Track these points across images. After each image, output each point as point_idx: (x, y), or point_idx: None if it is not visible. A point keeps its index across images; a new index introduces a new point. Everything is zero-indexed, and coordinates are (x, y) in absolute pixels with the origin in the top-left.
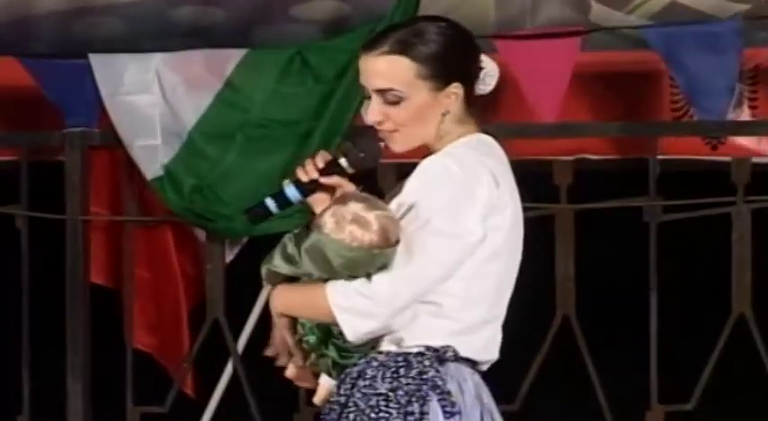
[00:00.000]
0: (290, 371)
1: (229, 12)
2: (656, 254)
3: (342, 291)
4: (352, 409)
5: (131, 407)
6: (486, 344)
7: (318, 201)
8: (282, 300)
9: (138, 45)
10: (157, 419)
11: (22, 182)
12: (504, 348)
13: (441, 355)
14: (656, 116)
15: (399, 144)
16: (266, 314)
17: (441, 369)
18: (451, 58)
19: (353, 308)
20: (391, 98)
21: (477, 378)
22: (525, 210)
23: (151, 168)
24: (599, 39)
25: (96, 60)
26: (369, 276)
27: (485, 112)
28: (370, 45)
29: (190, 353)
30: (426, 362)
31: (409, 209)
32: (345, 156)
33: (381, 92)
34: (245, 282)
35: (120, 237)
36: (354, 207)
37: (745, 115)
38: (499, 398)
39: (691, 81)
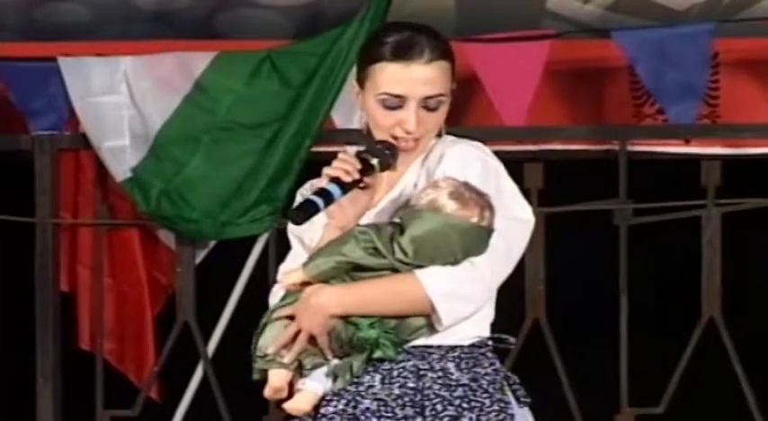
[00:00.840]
0: (276, 385)
1: None
2: (627, 257)
3: (442, 278)
4: (436, 401)
5: (101, 410)
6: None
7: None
8: (343, 298)
9: (101, 31)
10: None
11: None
12: None
13: (499, 345)
14: (618, 107)
15: (418, 149)
16: (236, 317)
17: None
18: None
19: (457, 293)
20: (434, 104)
21: None
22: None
23: (120, 170)
24: (556, 27)
25: (65, 63)
26: (464, 262)
27: (453, 116)
28: (410, 54)
29: (158, 357)
30: (489, 354)
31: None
32: (375, 156)
33: (426, 99)
34: (215, 285)
35: (76, 240)
36: (462, 190)
37: (705, 106)
38: None
39: (659, 83)
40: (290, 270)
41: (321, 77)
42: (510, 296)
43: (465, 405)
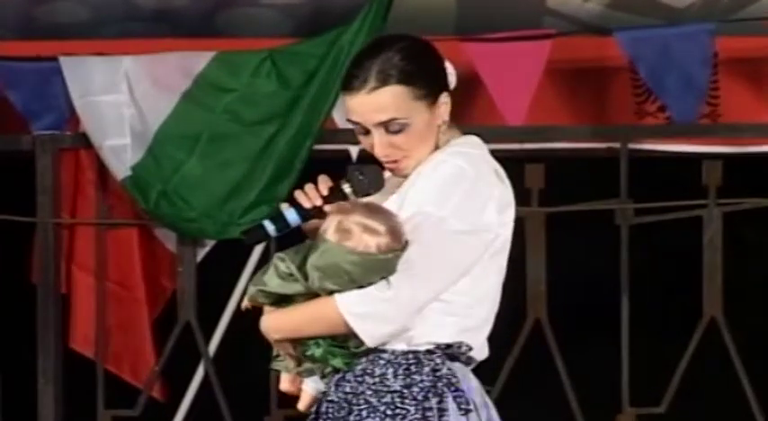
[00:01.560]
0: (285, 385)
1: None
2: (628, 256)
3: (356, 300)
4: (363, 407)
5: (102, 410)
6: (484, 343)
7: (314, 225)
8: (278, 324)
9: (101, 30)
10: None
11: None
12: None
13: (453, 352)
14: (620, 106)
15: (409, 167)
16: (237, 317)
17: (452, 366)
18: (434, 71)
19: (372, 314)
20: (396, 127)
21: (476, 378)
22: None
23: (121, 169)
24: (556, 25)
25: (66, 63)
26: (381, 281)
27: (455, 116)
28: (353, 84)
29: (159, 357)
30: (438, 360)
31: (422, 208)
32: (349, 182)
33: (383, 124)
34: (216, 285)
35: (73, 240)
36: (358, 217)
37: (705, 105)
38: None
39: (661, 83)
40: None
41: (321, 78)
42: (511, 296)
43: (389, 412)
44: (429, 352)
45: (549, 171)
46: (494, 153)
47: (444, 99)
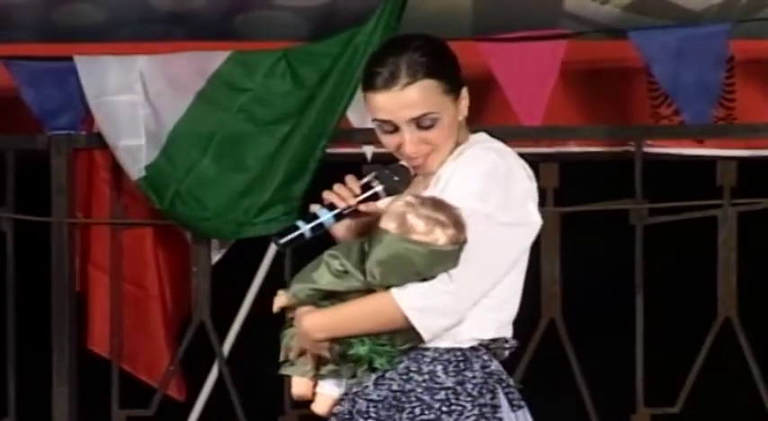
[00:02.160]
0: (300, 389)
1: None
2: (642, 256)
3: (416, 294)
4: (416, 404)
5: (117, 410)
6: (509, 341)
7: (342, 225)
8: (325, 322)
9: (117, 33)
10: None
11: (8, 184)
12: None
13: (496, 347)
14: (635, 107)
15: (435, 164)
16: (251, 317)
17: (497, 363)
18: (454, 66)
19: (432, 307)
20: (428, 122)
21: None
22: None
23: (136, 169)
24: (573, 27)
25: (81, 62)
26: (441, 275)
27: (472, 117)
28: (381, 83)
29: (175, 356)
30: (485, 357)
31: (467, 203)
32: (379, 180)
33: (415, 120)
34: (230, 285)
35: (88, 240)
36: (426, 210)
37: (721, 109)
38: None
39: (675, 84)
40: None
41: (335, 78)
42: (526, 296)
43: (444, 408)
44: (474, 348)
45: (564, 171)
46: None
47: (465, 94)
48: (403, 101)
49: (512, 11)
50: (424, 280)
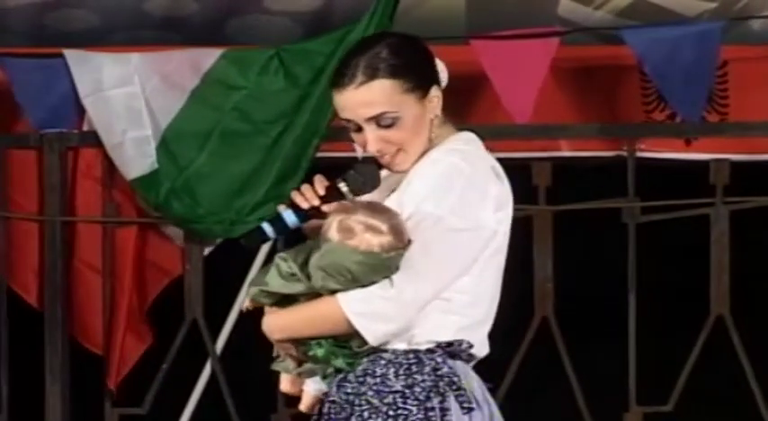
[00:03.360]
0: (285, 386)
1: (203, 3)
2: (635, 255)
3: (359, 299)
4: (365, 407)
5: (110, 408)
6: (484, 340)
7: (315, 226)
8: (280, 325)
9: (111, 38)
10: None
11: (1, 182)
12: None
13: (453, 350)
14: (628, 111)
15: (406, 163)
16: (244, 315)
17: (453, 365)
18: (423, 65)
19: (374, 312)
20: (387, 121)
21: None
22: None
23: (140, 163)
24: (571, 35)
25: (72, 58)
26: (383, 280)
27: (462, 114)
28: (342, 81)
29: (166, 355)
30: (438, 359)
31: (420, 207)
32: (345, 180)
33: (373, 119)
34: (223, 283)
35: (70, 236)
36: (361, 216)
37: (714, 114)
38: None
39: (668, 82)
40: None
41: (328, 76)
42: (518, 294)
43: (391, 412)
44: (430, 351)
45: (557, 169)
46: (501, 158)
47: (435, 93)
48: (359, 99)
49: (505, 17)
50: (364, 286)
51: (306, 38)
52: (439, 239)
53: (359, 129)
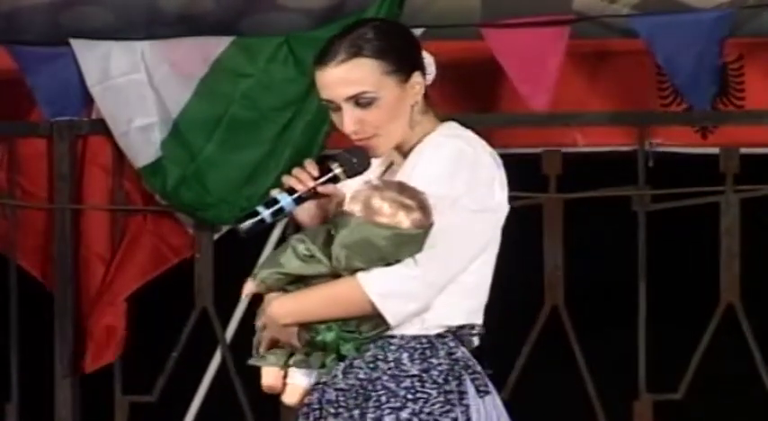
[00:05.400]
0: (269, 381)
1: (218, 1)
2: (645, 243)
3: (381, 278)
4: (382, 392)
5: (120, 396)
6: (479, 330)
7: (305, 210)
8: (292, 308)
9: (126, 35)
10: (146, 408)
11: (12, 171)
12: (493, 337)
13: (464, 333)
14: (645, 104)
15: (382, 147)
16: (254, 302)
17: (464, 349)
18: (406, 49)
19: (398, 292)
20: (364, 101)
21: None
22: (514, 199)
23: (147, 151)
24: (583, 28)
25: (79, 47)
26: (407, 260)
27: (478, 102)
28: (324, 59)
29: (176, 343)
30: (451, 343)
31: (432, 189)
32: (338, 162)
33: (352, 98)
34: (233, 271)
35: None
36: (392, 193)
37: (732, 107)
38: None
39: (677, 70)
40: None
41: None
42: (528, 282)
43: (410, 396)
44: (440, 336)
45: (567, 157)
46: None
47: (417, 79)
48: (340, 77)
49: (520, 12)
50: (389, 264)
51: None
52: (457, 220)
53: (337, 108)
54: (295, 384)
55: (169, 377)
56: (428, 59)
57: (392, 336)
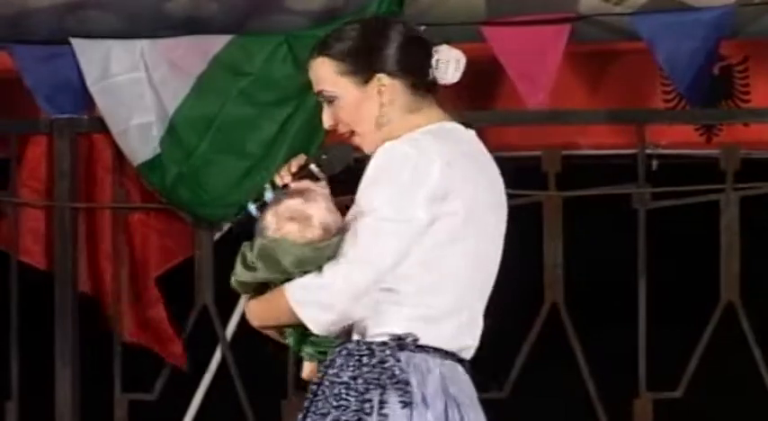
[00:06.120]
0: (306, 374)
1: (224, 4)
2: (645, 241)
3: (299, 287)
4: (320, 398)
5: (120, 393)
6: (455, 334)
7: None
8: (254, 314)
9: (132, 38)
10: (146, 406)
11: (12, 168)
12: (493, 335)
13: (401, 343)
14: (646, 96)
15: (365, 145)
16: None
17: (402, 358)
18: (368, 51)
19: (313, 301)
20: (328, 99)
21: (449, 368)
22: (513, 197)
23: (145, 149)
24: (588, 31)
25: (79, 46)
26: (320, 269)
27: (480, 101)
28: (309, 53)
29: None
30: (387, 351)
31: (360, 198)
32: (316, 161)
33: (319, 94)
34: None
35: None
36: (292, 203)
37: (736, 108)
38: (488, 385)
39: (676, 69)
40: None
41: None
42: (528, 280)
43: (335, 403)
44: (383, 343)
45: (567, 156)
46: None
47: (383, 81)
48: (310, 73)
49: (525, 13)
50: (306, 273)
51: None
52: (367, 228)
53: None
54: (306, 364)
55: (169, 375)
56: (444, 55)
57: (350, 342)
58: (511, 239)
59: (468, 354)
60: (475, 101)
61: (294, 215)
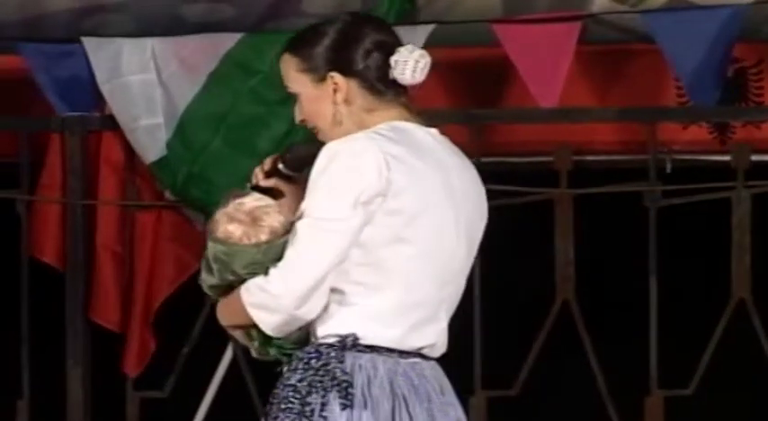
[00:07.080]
0: None
1: (239, 8)
2: (656, 239)
3: (248, 289)
4: (275, 400)
5: (131, 391)
6: (407, 333)
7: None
8: (220, 314)
9: None
10: (157, 404)
11: (23, 167)
12: (504, 333)
13: (346, 344)
14: (658, 95)
15: (327, 141)
16: None
17: (347, 359)
18: (326, 50)
19: (260, 303)
20: (293, 95)
21: (405, 368)
22: (525, 195)
23: (153, 149)
24: (602, 32)
25: (90, 44)
26: (267, 271)
27: (490, 98)
28: None
29: (187, 339)
30: (332, 353)
31: (306, 196)
32: (282, 160)
33: (287, 89)
34: None
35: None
36: (242, 204)
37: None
38: (498, 383)
39: (685, 66)
40: None
41: None
42: (539, 278)
43: (282, 405)
44: (330, 345)
45: (578, 153)
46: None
47: (336, 79)
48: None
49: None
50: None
51: None
52: (305, 229)
53: None
54: None
55: (180, 372)
56: (404, 56)
57: (308, 343)
58: (522, 237)
59: (432, 353)
60: (486, 99)
61: (241, 217)
